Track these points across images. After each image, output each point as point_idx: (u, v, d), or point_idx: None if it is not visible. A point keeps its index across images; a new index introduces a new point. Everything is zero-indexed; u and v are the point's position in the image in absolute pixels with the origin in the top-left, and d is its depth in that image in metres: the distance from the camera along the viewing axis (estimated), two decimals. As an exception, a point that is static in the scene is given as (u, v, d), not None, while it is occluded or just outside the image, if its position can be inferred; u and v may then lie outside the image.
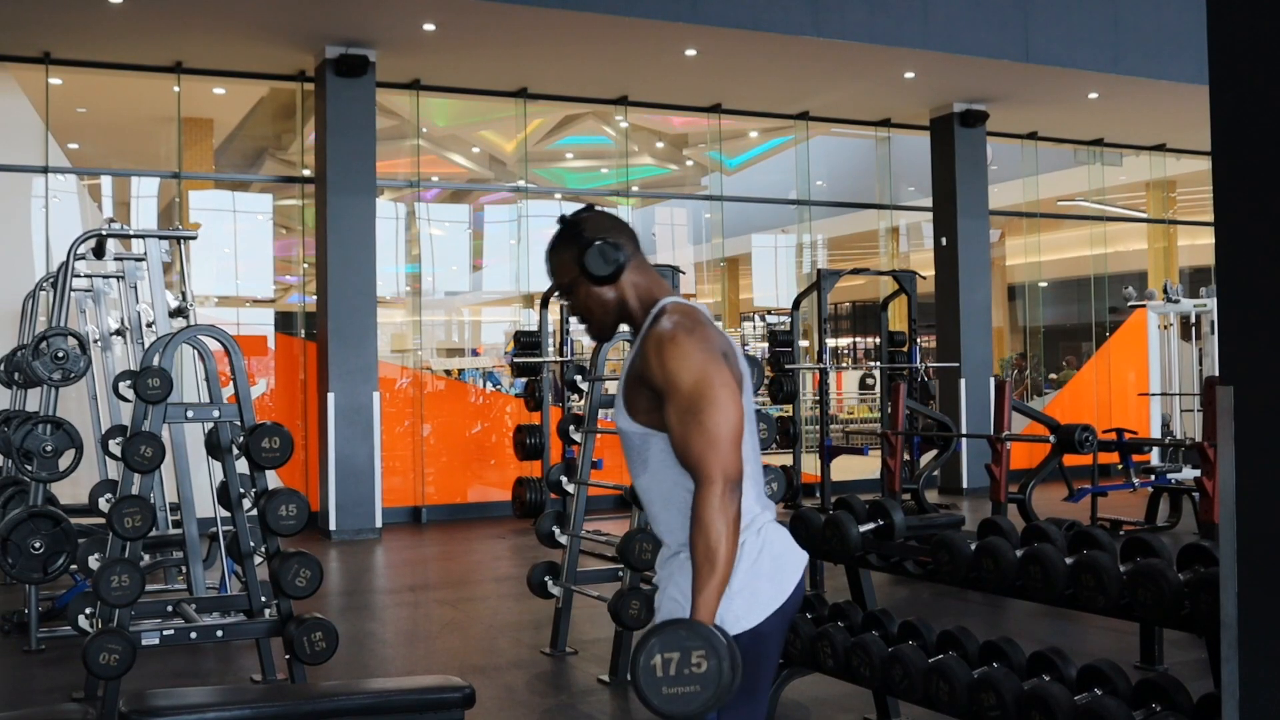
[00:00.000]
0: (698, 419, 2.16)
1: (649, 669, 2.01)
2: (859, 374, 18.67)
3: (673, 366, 2.19)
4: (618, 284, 2.34)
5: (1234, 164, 2.08)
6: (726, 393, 2.19)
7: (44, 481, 5.98)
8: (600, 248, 2.31)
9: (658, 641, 2.02)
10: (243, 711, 3.18)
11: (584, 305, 2.37)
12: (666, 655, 2.01)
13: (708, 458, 2.14)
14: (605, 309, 2.36)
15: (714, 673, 2.00)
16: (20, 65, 10.11)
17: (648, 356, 2.24)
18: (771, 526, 2.32)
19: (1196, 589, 3.03)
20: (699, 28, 9.73)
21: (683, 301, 2.34)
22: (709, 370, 2.19)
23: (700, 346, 2.21)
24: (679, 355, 2.20)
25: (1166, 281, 12.26)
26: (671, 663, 2.01)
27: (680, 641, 2.01)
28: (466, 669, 5.53)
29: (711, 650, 2.01)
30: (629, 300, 2.36)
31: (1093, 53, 11.26)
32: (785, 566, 2.30)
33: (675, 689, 2.00)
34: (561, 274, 2.37)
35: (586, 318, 2.40)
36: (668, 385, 2.20)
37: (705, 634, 2.02)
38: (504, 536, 10.07)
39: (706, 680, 2.00)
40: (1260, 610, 2.00)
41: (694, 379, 2.18)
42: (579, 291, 2.36)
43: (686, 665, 2.00)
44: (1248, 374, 2.03)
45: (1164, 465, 9.80)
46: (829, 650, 3.88)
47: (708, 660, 2.00)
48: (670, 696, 2.00)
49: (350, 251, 10.14)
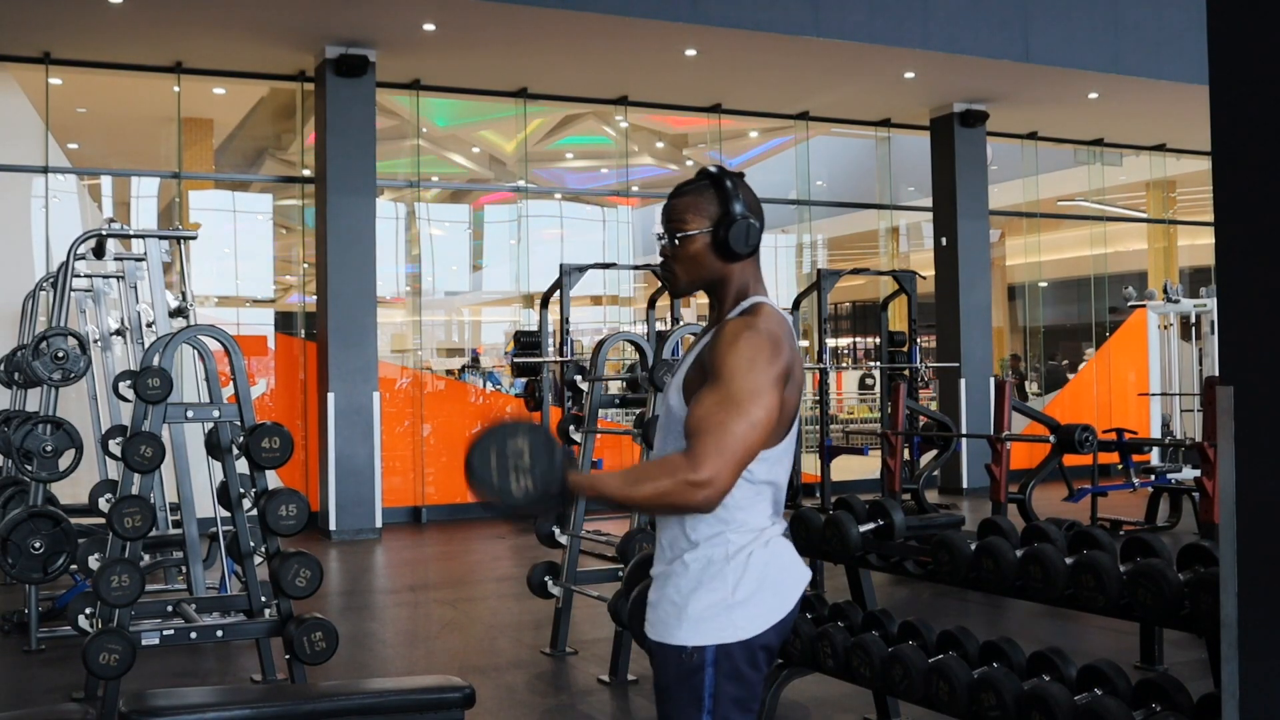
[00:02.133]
0: (724, 418, 2.09)
1: (483, 463, 2.04)
2: (859, 374, 18.67)
3: (732, 362, 2.13)
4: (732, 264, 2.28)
5: (1234, 164, 2.08)
6: (763, 415, 2.11)
7: (44, 481, 5.98)
8: (750, 226, 2.25)
9: (485, 437, 2.05)
10: (243, 711, 3.17)
11: (685, 258, 2.28)
12: (497, 449, 2.04)
13: (710, 455, 2.07)
14: (702, 274, 2.29)
15: (541, 449, 2.05)
16: (20, 65, 10.11)
17: (721, 342, 2.17)
18: (779, 541, 2.28)
19: (1196, 589, 3.03)
20: (699, 28, 9.73)
21: (774, 307, 2.27)
22: (762, 384, 2.12)
23: (768, 360, 2.14)
24: (744, 356, 2.13)
25: (1166, 281, 12.26)
26: (500, 455, 2.04)
27: (502, 435, 2.05)
28: (466, 669, 5.53)
29: (534, 435, 2.05)
30: (729, 282, 2.29)
31: (1093, 53, 11.26)
32: (790, 581, 2.28)
33: (505, 481, 2.04)
34: (689, 219, 2.27)
35: (678, 269, 2.30)
36: (718, 373, 2.14)
37: (526, 425, 2.07)
38: (504, 536, 10.07)
39: (537, 462, 2.04)
40: (1260, 610, 2.00)
41: (743, 384, 2.11)
42: (693, 243, 2.26)
43: (514, 456, 2.04)
44: (1248, 374, 2.03)
45: (1164, 465, 9.80)
46: (829, 650, 3.88)
47: (530, 450, 2.04)
48: (501, 486, 2.04)
49: (350, 251, 10.14)
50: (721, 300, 2.31)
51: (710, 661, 2.18)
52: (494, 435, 2.05)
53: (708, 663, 2.18)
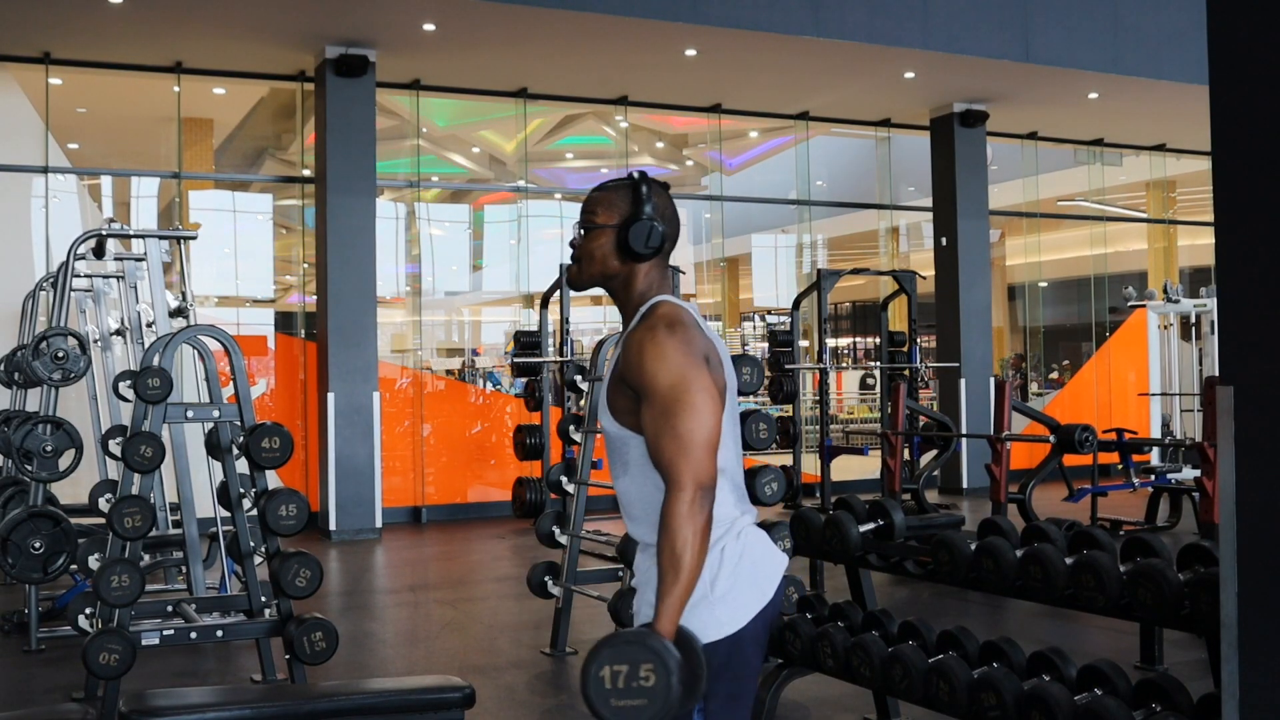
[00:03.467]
0: (671, 423, 2.14)
1: (597, 680, 2.01)
2: (859, 374, 18.68)
3: (650, 368, 2.17)
4: (632, 264, 2.32)
5: (1234, 164, 2.08)
6: (703, 397, 2.16)
7: (44, 481, 5.98)
8: (650, 226, 2.29)
9: (608, 652, 2.01)
10: (243, 711, 3.17)
11: (589, 252, 2.34)
12: (615, 667, 2.00)
13: (679, 463, 2.12)
14: (602, 269, 2.34)
15: (662, 687, 1.98)
16: (20, 65, 10.11)
17: (629, 357, 2.22)
18: (751, 530, 2.30)
19: (1196, 589, 3.03)
20: (699, 28, 9.73)
21: (673, 301, 2.31)
22: (687, 373, 2.16)
23: (681, 349, 2.18)
24: (657, 356, 2.17)
25: (1166, 281, 12.27)
26: (620, 675, 2.00)
27: (630, 654, 2.00)
28: (466, 669, 5.53)
29: (661, 664, 1.99)
30: (632, 284, 2.34)
31: (1093, 53, 11.26)
32: (766, 570, 2.28)
33: (622, 701, 1.99)
34: (598, 212, 2.34)
35: (582, 261, 2.36)
36: (644, 386, 2.18)
37: (656, 647, 2.00)
38: (504, 536, 10.07)
39: (654, 694, 1.98)
40: (1260, 610, 2.00)
41: (670, 382, 2.15)
42: (597, 238, 2.33)
43: (635, 678, 1.99)
44: (1248, 374, 2.03)
45: (1164, 465, 9.80)
46: (829, 650, 3.88)
47: (656, 674, 1.99)
48: (619, 709, 2.00)
49: (350, 251, 10.14)
50: (625, 304, 2.36)
51: None
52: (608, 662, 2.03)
53: None
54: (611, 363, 2.32)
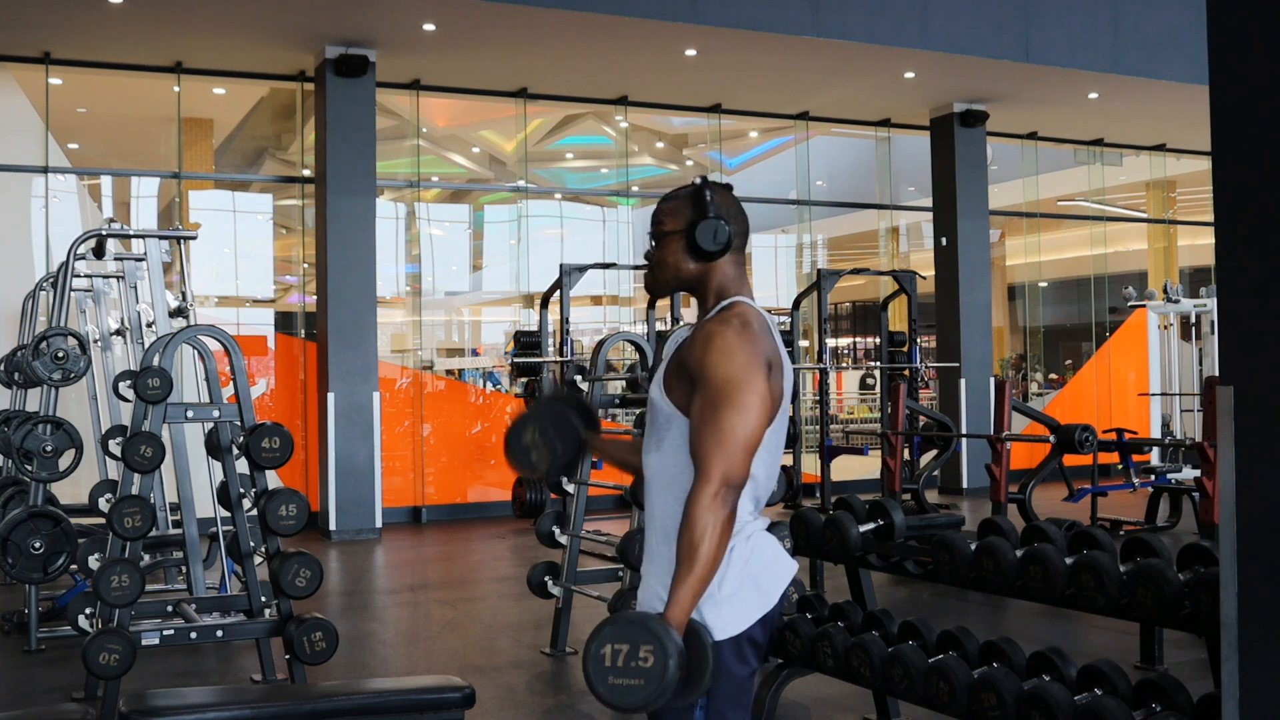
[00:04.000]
0: (716, 416, 2.19)
1: (598, 656, 2.06)
2: (859, 374, 18.68)
3: (711, 360, 2.22)
4: (706, 264, 2.37)
5: (1234, 164, 2.08)
6: (754, 400, 2.20)
7: (44, 481, 5.98)
8: (716, 225, 2.34)
9: (610, 631, 2.07)
10: (243, 711, 3.18)
11: (662, 259, 2.39)
12: (616, 645, 2.05)
13: (713, 456, 2.16)
14: (677, 274, 2.39)
15: (659, 669, 2.03)
16: (20, 65, 10.11)
17: (696, 343, 2.27)
18: (761, 535, 2.33)
19: (1196, 589, 3.03)
20: (699, 28, 9.73)
21: (751, 304, 2.36)
22: (745, 374, 2.21)
23: (746, 349, 2.23)
24: (722, 350, 2.22)
25: (1166, 281, 12.27)
26: (620, 654, 2.05)
27: (632, 634, 2.05)
28: (466, 669, 5.53)
29: (660, 647, 2.04)
30: (708, 283, 2.38)
31: (1093, 53, 11.26)
32: (773, 575, 2.31)
33: (619, 680, 2.05)
34: (666, 221, 2.38)
35: (656, 269, 2.42)
36: (701, 376, 2.23)
37: (658, 630, 2.05)
38: (504, 536, 10.07)
39: (650, 675, 2.03)
40: (1260, 610, 2.00)
41: (726, 377, 2.20)
42: (669, 244, 2.38)
43: (634, 658, 2.04)
44: (1248, 374, 2.03)
45: (1164, 465, 9.80)
46: (829, 650, 3.88)
47: (655, 656, 2.03)
48: (614, 686, 2.05)
49: (350, 251, 10.14)
50: (702, 301, 2.41)
51: None
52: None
53: None
54: (677, 342, 2.37)
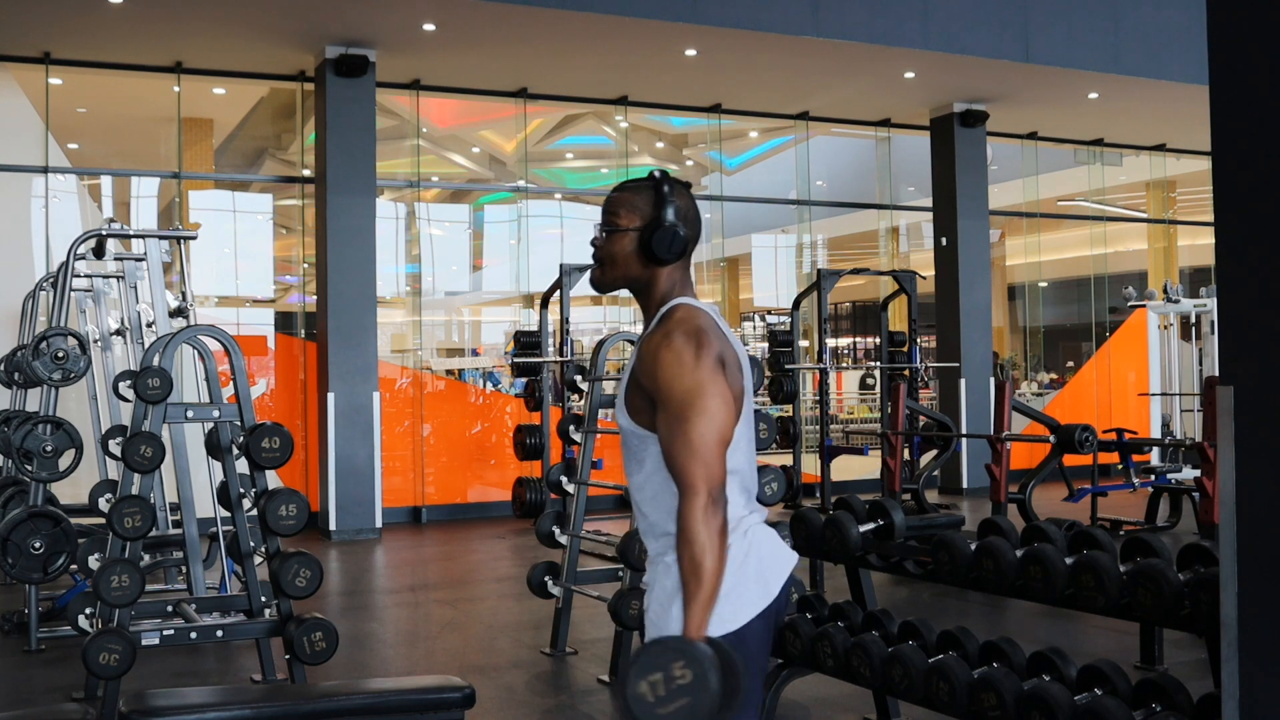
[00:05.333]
0: (683, 428, 2.14)
1: (638, 698, 2.01)
2: (859, 374, 18.68)
3: (665, 374, 2.18)
4: (655, 268, 2.31)
5: (1234, 164, 2.08)
6: (717, 402, 2.16)
7: (44, 481, 5.98)
8: (676, 234, 2.28)
9: (637, 669, 2.02)
10: (243, 711, 3.18)
11: (611, 254, 2.33)
12: (650, 679, 2.00)
13: (691, 468, 2.12)
14: (626, 273, 2.33)
15: (700, 679, 1.98)
16: (20, 65, 10.11)
17: (645, 360, 2.23)
18: (758, 528, 2.31)
19: (1196, 589, 3.03)
20: (699, 28, 9.73)
21: (690, 304, 2.30)
22: (700, 379, 2.16)
23: (694, 353, 2.18)
24: (671, 363, 2.17)
25: (1166, 281, 12.27)
26: (657, 684, 2.00)
27: (658, 660, 2.01)
28: (466, 669, 5.53)
29: (691, 659, 1.99)
30: (655, 286, 2.33)
31: (1093, 53, 11.26)
32: (772, 568, 2.29)
33: (669, 708, 1.99)
34: (619, 214, 2.31)
35: (604, 264, 2.35)
36: (659, 392, 2.19)
37: (682, 647, 2.01)
38: (504, 536, 10.07)
39: (695, 689, 1.98)
40: (1260, 610, 2.00)
41: (684, 388, 2.16)
42: (619, 240, 2.31)
43: (671, 681, 1.99)
44: (1248, 374, 2.03)
45: (1164, 465, 9.80)
46: (829, 650, 3.88)
47: (690, 669, 1.99)
48: (668, 714, 1.99)
49: (350, 251, 10.14)
50: (647, 305, 2.35)
51: None
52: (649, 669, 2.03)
53: None
54: (629, 363, 2.33)
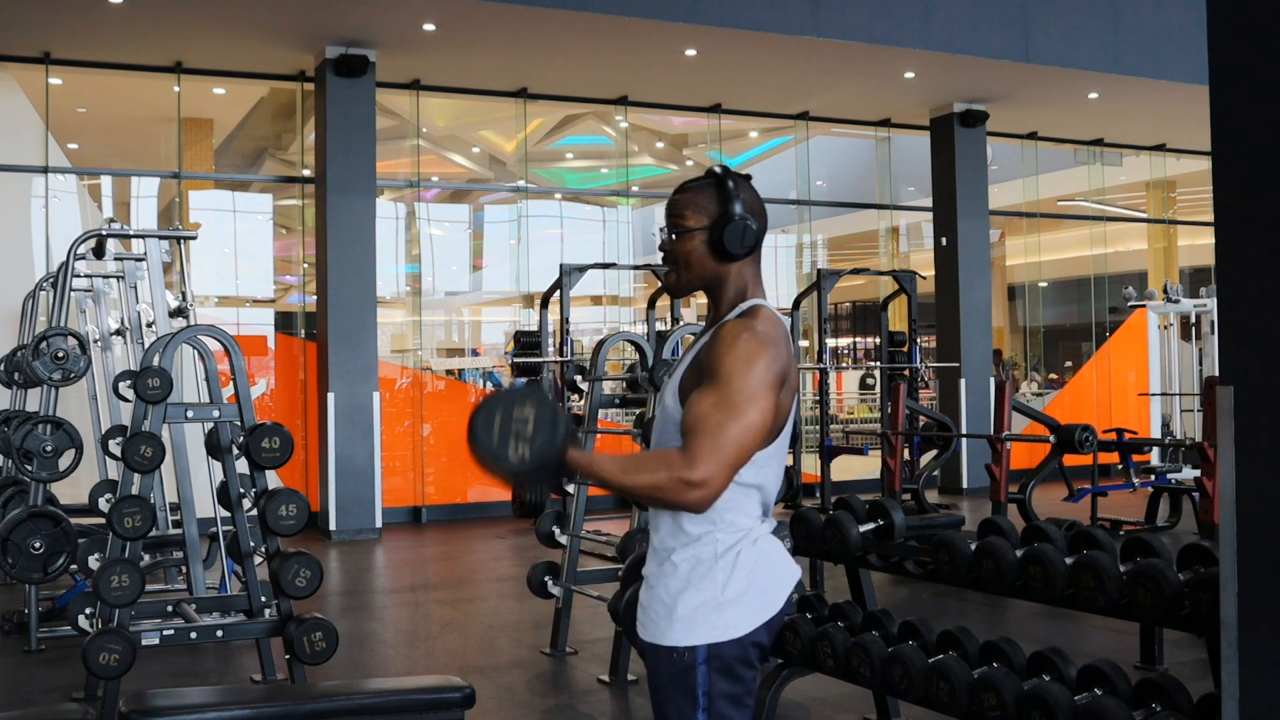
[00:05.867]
0: (721, 419, 2.09)
1: (484, 440, 2.00)
2: (859, 374, 18.67)
3: (728, 362, 2.13)
4: (728, 264, 2.27)
5: (1234, 164, 2.08)
6: (759, 419, 2.12)
7: (44, 481, 5.98)
8: (746, 228, 2.24)
9: (480, 417, 2.01)
10: (243, 711, 3.17)
11: (684, 256, 2.27)
12: (492, 417, 2.01)
13: (706, 455, 2.07)
14: (701, 274, 2.28)
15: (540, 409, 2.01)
16: (20, 65, 10.11)
17: (719, 342, 2.17)
18: (767, 539, 2.29)
19: (1196, 589, 3.03)
20: (699, 28, 9.74)
21: (772, 309, 2.27)
22: (758, 387, 2.12)
23: (765, 361, 2.14)
24: (744, 356, 2.13)
25: (1166, 281, 12.27)
26: (494, 425, 2.00)
27: (493, 407, 2.01)
28: (466, 669, 5.53)
29: (528, 399, 2.01)
30: (727, 283, 2.28)
31: (1093, 53, 11.26)
32: (779, 579, 2.28)
33: (514, 443, 2.00)
34: (687, 215, 2.26)
35: (678, 267, 2.30)
36: (718, 372, 2.14)
37: (519, 392, 2.02)
38: (504, 536, 10.07)
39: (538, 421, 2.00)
40: (1260, 610, 2.00)
41: (739, 385, 2.11)
42: (690, 240, 2.26)
43: (512, 422, 2.01)
44: (1248, 374, 2.03)
45: (1164, 465, 9.80)
46: (829, 650, 3.87)
47: (530, 408, 2.01)
48: (509, 443, 2.00)
49: (350, 251, 10.14)
50: (719, 301, 2.31)
51: (702, 660, 2.19)
52: (501, 400, 2.04)
53: (699, 662, 2.19)
54: (695, 347, 2.27)
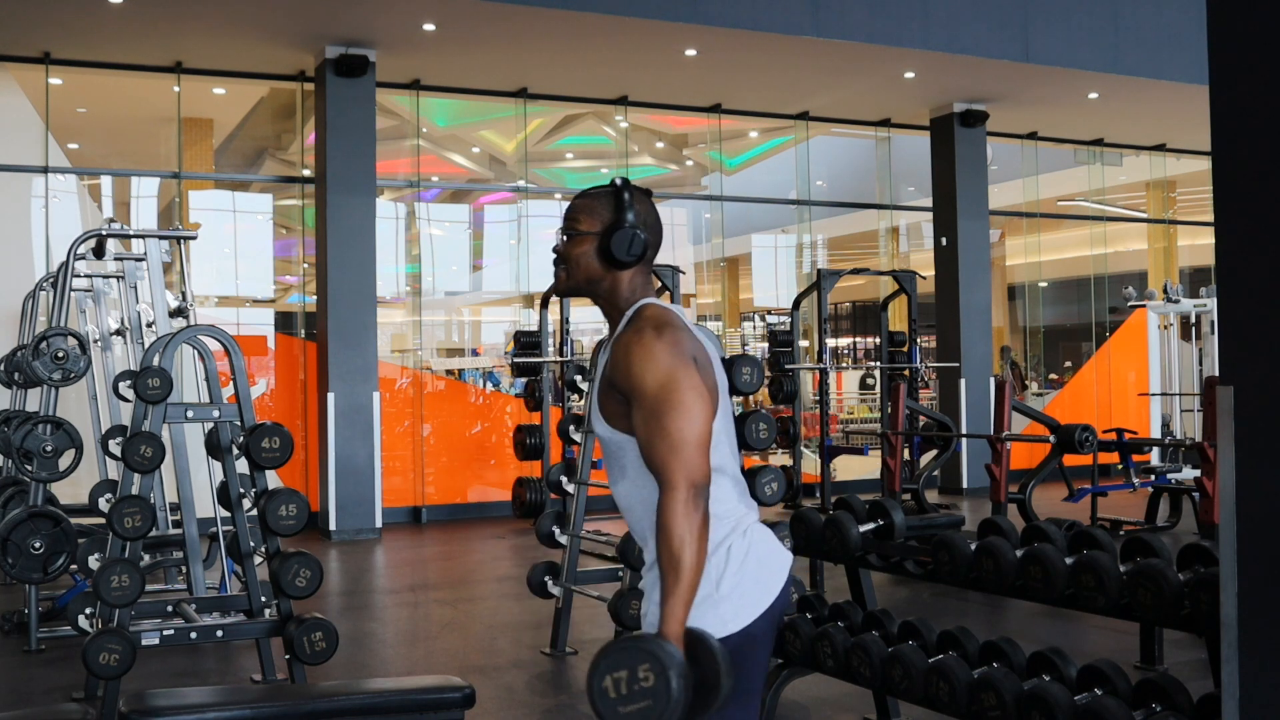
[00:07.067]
0: (661, 424, 2.15)
1: (601, 691, 2.02)
2: (859, 374, 18.68)
3: (638, 370, 2.18)
4: (615, 271, 2.33)
5: (1234, 164, 2.08)
6: (692, 396, 2.16)
7: (44, 481, 5.98)
8: (632, 234, 2.29)
9: (605, 663, 2.03)
10: (243, 711, 3.17)
11: (573, 258, 2.34)
12: (615, 675, 2.02)
13: (670, 463, 2.12)
14: (587, 276, 2.34)
15: (662, 686, 2.00)
16: (20, 65, 10.11)
17: (617, 360, 2.23)
18: (756, 528, 2.31)
19: (1196, 589, 3.03)
20: (699, 28, 9.73)
21: (658, 304, 2.32)
22: (675, 374, 2.17)
23: (668, 350, 2.19)
24: (645, 358, 2.18)
25: (1166, 281, 12.27)
26: (621, 681, 2.01)
27: (626, 659, 2.02)
28: (466, 669, 5.53)
29: (656, 663, 2.00)
30: (617, 289, 2.34)
31: (1093, 53, 11.26)
32: (771, 568, 2.29)
33: (628, 707, 2.01)
34: (581, 219, 2.33)
35: (567, 267, 2.36)
36: (633, 389, 2.19)
37: (651, 649, 2.02)
38: (504, 536, 10.07)
39: (656, 694, 2.00)
40: (1260, 610, 2.00)
41: (658, 383, 2.16)
42: (580, 244, 2.33)
43: (635, 682, 2.01)
44: (1248, 374, 2.03)
45: (1164, 465, 9.80)
46: (829, 650, 3.88)
47: (654, 674, 2.00)
48: (626, 714, 2.01)
49: (350, 251, 10.14)
50: (610, 310, 2.37)
51: None
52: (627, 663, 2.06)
53: None
54: (600, 368, 2.33)
